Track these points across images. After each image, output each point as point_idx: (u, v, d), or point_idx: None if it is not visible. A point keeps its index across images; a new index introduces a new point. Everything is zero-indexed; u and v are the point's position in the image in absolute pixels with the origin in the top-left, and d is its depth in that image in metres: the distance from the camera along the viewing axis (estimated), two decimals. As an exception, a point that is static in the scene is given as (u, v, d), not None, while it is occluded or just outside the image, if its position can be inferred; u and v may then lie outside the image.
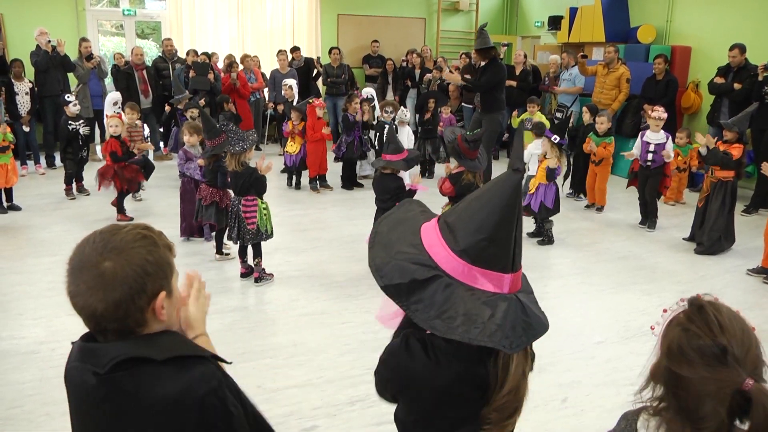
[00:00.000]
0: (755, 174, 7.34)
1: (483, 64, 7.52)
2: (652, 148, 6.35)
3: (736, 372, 1.15)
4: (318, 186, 7.84)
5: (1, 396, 3.16)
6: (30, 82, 8.65)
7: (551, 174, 5.74)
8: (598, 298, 4.64)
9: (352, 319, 4.15)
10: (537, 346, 3.94)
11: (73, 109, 6.99)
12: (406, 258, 1.33)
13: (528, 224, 6.23)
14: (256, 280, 4.76)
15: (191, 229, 5.73)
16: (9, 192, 6.59)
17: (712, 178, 5.77)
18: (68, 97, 7.12)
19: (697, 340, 1.21)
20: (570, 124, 7.89)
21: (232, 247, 5.34)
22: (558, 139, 5.67)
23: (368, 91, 8.84)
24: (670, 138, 6.41)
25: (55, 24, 9.70)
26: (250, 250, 4.78)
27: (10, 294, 4.49)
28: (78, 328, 3.88)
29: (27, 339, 3.79)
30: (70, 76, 9.14)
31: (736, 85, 7.48)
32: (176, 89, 8.74)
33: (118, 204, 6.30)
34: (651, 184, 6.45)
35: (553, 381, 3.38)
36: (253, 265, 4.79)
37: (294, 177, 7.99)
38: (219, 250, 5.30)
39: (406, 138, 7.90)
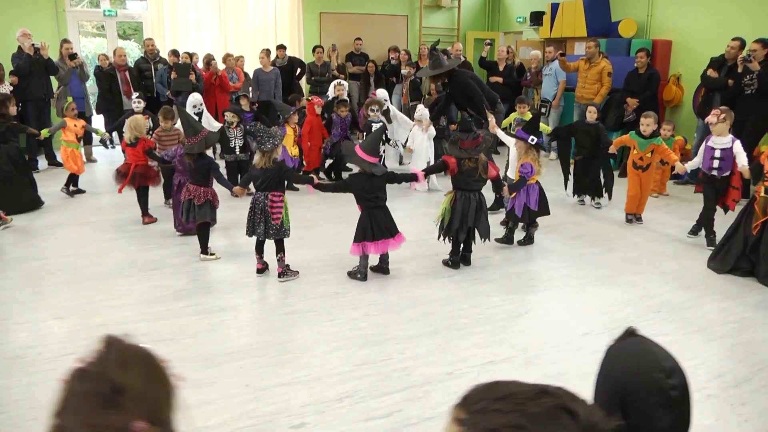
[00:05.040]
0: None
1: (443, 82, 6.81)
2: (717, 154, 5.53)
3: (124, 415, 1.00)
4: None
5: (-13, 401, 3.14)
6: (11, 85, 8.56)
7: (522, 180, 5.35)
8: (583, 291, 4.68)
9: (339, 316, 4.16)
10: (523, 338, 3.99)
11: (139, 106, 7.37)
12: None
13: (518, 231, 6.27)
14: (280, 276, 4.80)
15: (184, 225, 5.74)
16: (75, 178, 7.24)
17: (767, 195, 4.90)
18: (135, 95, 7.60)
19: (89, 383, 1.02)
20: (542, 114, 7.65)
21: (216, 249, 5.36)
22: (535, 140, 5.36)
23: (382, 94, 8.50)
24: (738, 142, 5.51)
25: (35, 25, 9.61)
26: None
27: (-6, 299, 4.46)
28: (64, 331, 3.88)
29: (13, 344, 3.75)
30: (52, 78, 9.05)
31: (730, 82, 7.43)
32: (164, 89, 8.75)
33: (145, 205, 6.30)
34: (715, 195, 5.66)
35: (539, 373, 3.41)
36: (276, 260, 4.84)
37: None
38: (204, 250, 5.27)
39: (423, 140, 7.61)
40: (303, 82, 11.22)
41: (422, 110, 7.77)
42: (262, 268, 4.91)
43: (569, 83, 9.72)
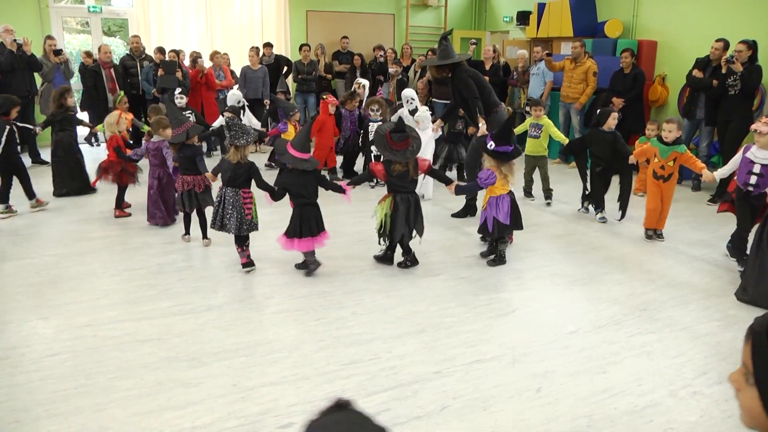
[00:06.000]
0: (720, 164, 7.50)
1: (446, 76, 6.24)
2: (757, 169, 4.87)
3: None
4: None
5: (-30, 402, 3.10)
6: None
7: (474, 184, 5.07)
8: (570, 289, 4.70)
9: (326, 315, 4.14)
10: (511, 337, 4.00)
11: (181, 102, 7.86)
12: None
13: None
14: (245, 266, 4.93)
15: (171, 216, 6.10)
16: None
17: None
18: (178, 90, 8.02)
19: None
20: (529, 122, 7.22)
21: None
22: (493, 145, 4.86)
23: (408, 93, 8.09)
24: None
25: (17, 21, 9.50)
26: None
27: (-24, 298, 4.40)
28: (49, 332, 3.85)
29: (-5, 344, 3.71)
30: (36, 75, 8.94)
31: (715, 82, 7.45)
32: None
33: (118, 199, 6.50)
34: (751, 213, 5.04)
35: (527, 371, 3.43)
36: (243, 250, 4.98)
37: None
38: (205, 234, 5.55)
39: (426, 145, 6.92)
40: (289, 80, 11.18)
41: (423, 112, 7.34)
42: (248, 263, 4.95)
43: (556, 83, 9.76)
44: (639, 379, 3.37)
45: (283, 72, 10.90)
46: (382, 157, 4.89)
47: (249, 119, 8.36)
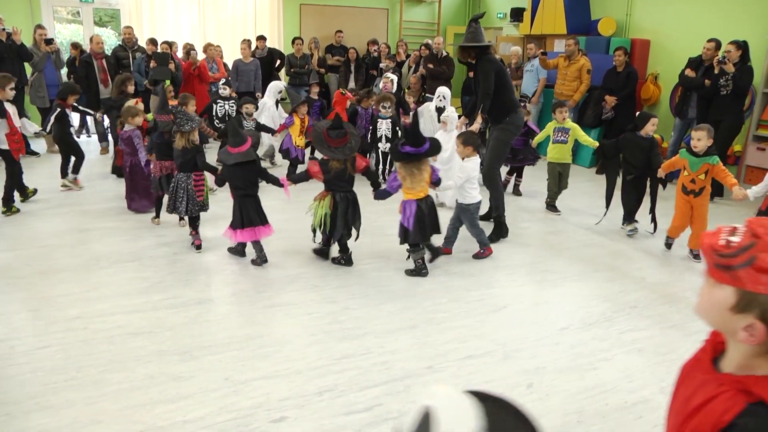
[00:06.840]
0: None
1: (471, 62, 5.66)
2: None
3: None
4: None
5: (-41, 394, 3.08)
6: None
7: (383, 191, 4.82)
8: (561, 286, 4.72)
9: (318, 309, 4.14)
10: (503, 333, 4.00)
11: (224, 92, 8.15)
12: None
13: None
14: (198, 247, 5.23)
15: (152, 201, 6.13)
16: None
17: None
18: (222, 82, 8.29)
19: None
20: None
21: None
22: (386, 147, 4.81)
23: (443, 91, 7.79)
24: None
25: (7, 10, 9.41)
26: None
27: (-35, 290, 4.36)
28: (39, 324, 3.82)
29: (-15, 336, 3.69)
30: (26, 65, 8.86)
31: (707, 82, 7.44)
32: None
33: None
34: None
35: (518, 367, 3.44)
36: (193, 234, 5.26)
37: None
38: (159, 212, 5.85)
39: (448, 145, 6.16)
40: (282, 73, 11.14)
41: (451, 113, 6.63)
42: (201, 244, 5.22)
43: (549, 80, 9.78)
44: (629, 376, 3.39)
45: (276, 65, 10.87)
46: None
47: (279, 113, 8.30)
